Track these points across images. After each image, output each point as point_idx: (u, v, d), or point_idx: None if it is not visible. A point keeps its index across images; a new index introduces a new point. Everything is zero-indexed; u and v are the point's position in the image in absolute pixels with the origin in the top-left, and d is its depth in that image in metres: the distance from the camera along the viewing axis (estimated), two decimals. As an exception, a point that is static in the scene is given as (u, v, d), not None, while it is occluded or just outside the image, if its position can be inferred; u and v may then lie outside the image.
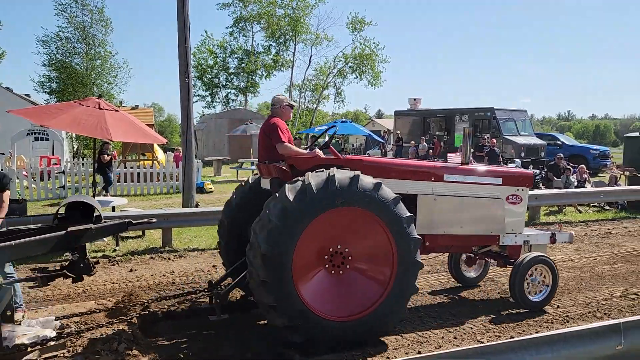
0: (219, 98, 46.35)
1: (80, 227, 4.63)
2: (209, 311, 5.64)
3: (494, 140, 19.74)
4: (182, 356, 4.97)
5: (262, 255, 4.69)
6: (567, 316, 6.13)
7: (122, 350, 4.79)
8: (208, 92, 45.71)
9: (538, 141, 25.09)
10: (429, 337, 5.47)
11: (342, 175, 4.95)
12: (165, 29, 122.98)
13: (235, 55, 44.96)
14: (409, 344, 5.27)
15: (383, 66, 45.33)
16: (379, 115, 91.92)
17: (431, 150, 25.62)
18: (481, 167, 6.65)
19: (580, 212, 13.94)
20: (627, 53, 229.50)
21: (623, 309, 6.38)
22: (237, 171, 23.25)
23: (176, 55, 11.67)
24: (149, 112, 37.53)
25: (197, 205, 12.46)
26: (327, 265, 5.08)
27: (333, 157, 5.59)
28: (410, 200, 5.74)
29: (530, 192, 8.42)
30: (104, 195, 13.99)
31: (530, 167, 18.50)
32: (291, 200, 4.73)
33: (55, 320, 5.35)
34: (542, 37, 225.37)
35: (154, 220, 5.49)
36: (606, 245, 9.83)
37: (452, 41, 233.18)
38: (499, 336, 5.50)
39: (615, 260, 8.82)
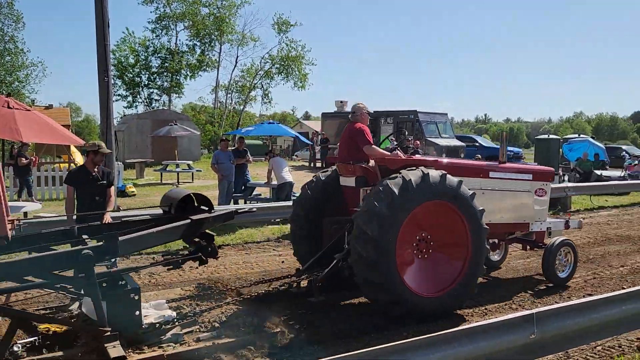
0: (140, 98, 44.51)
1: (201, 216, 5.08)
2: (307, 294, 6.06)
3: (418, 142, 20.37)
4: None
5: (373, 239, 5.41)
6: (485, 309, 6.44)
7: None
8: (129, 91, 43.73)
9: (458, 143, 26.21)
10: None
11: (434, 173, 5.79)
12: (83, 25, 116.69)
13: (158, 55, 43.44)
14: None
15: (310, 68, 45.49)
16: (307, 117, 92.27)
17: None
18: (516, 166, 7.97)
19: (496, 210, 14.64)
20: (537, 61, 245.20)
21: (535, 300, 6.79)
22: (162, 173, 22.43)
23: (94, 53, 11.09)
24: (64, 112, 35.36)
25: (119, 209, 11.93)
26: (415, 248, 5.94)
27: (421, 158, 6.57)
28: None
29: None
30: (17, 200, 13.09)
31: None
32: (396, 193, 5.50)
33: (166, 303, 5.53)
34: (461, 44, 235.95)
35: (255, 209, 6.08)
36: (520, 241, 10.35)
37: (378, 45, 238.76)
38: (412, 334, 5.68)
39: (528, 254, 9.33)
